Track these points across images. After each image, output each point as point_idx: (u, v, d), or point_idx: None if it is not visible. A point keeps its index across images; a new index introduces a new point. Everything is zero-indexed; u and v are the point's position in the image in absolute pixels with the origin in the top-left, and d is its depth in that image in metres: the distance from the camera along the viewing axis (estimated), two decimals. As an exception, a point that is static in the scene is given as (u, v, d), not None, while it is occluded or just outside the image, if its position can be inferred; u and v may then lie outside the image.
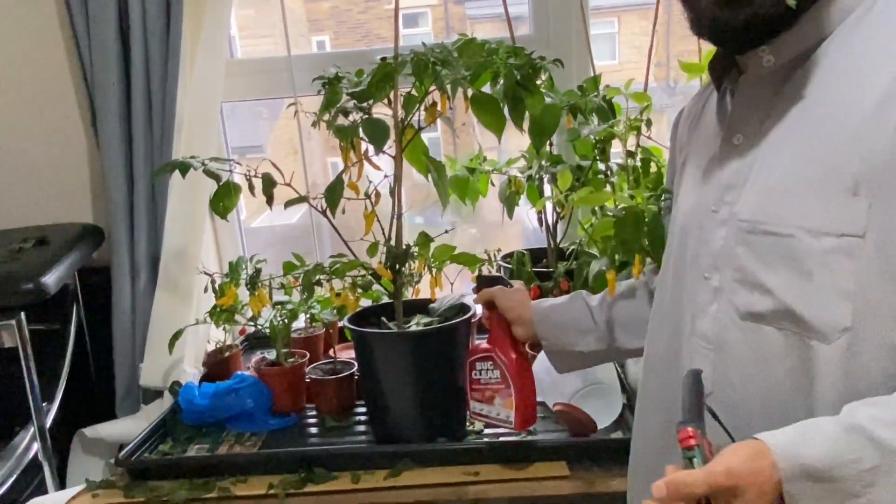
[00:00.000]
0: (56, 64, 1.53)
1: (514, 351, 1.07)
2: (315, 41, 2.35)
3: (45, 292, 1.19)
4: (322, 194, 1.15)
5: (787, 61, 0.69)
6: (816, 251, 0.63)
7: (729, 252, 0.71)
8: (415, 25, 3.26)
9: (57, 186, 1.58)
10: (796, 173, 0.65)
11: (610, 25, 3.14)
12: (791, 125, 0.68)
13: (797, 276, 0.64)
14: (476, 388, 1.13)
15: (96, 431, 1.44)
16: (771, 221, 0.66)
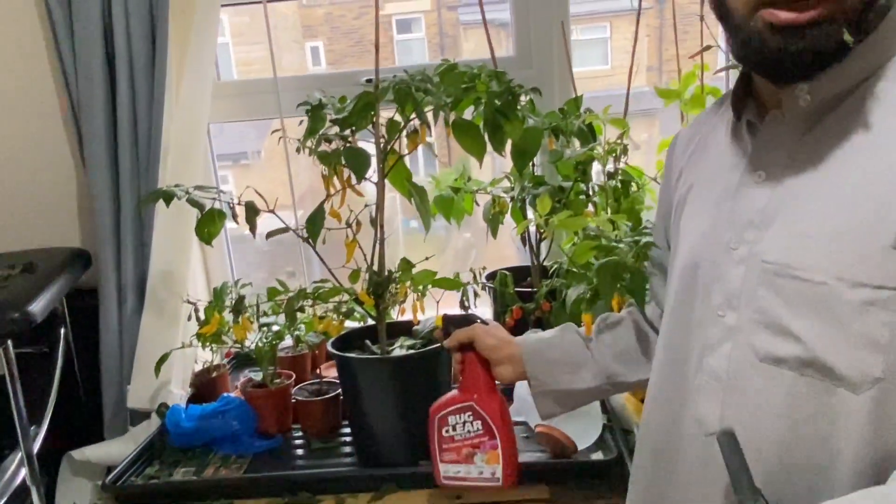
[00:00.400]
0: (42, 89, 1.54)
1: (496, 395, 0.96)
2: (309, 47, 2.37)
3: (32, 321, 1.19)
4: (304, 224, 1.16)
5: (823, 101, 0.67)
6: (851, 301, 0.61)
7: (749, 292, 0.68)
8: (408, 31, 3.28)
9: (44, 210, 1.59)
10: (832, 221, 0.63)
11: (602, 31, 3.16)
12: (826, 169, 0.65)
13: (827, 324, 0.62)
14: (449, 447, 0.97)
15: (84, 454, 1.44)
16: (802, 267, 0.64)
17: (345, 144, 1.18)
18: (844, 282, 0.61)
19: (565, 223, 1.27)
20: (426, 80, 1.16)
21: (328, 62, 2.45)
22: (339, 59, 2.48)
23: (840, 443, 0.62)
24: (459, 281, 1.34)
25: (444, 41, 2.96)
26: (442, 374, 1.23)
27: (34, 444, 1.34)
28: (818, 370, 0.63)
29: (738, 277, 0.70)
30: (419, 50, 3.46)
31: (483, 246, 1.94)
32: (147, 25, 1.44)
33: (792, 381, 0.64)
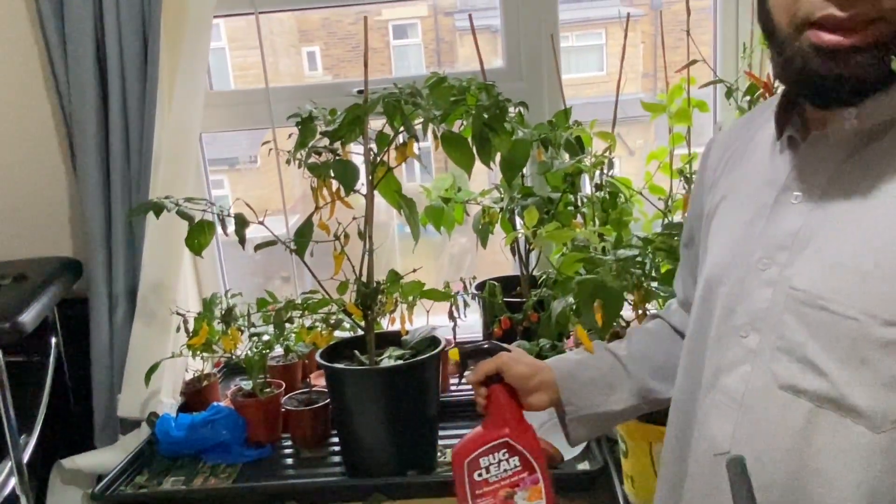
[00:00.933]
0: (34, 99, 1.55)
1: (528, 426, 0.88)
2: (305, 52, 2.38)
3: (22, 331, 1.21)
4: (292, 237, 1.17)
5: (871, 127, 0.64)
6: (882, 340, 0.59)
7: (775, 317, 0.66)
8: (405, 37, 3.30)
9: (35, 220, 1.59)
10: (869, 251, 0.61)
11: (598, 37, 3.18)
12: (865, 198, 0.63)
13: (853, 360, 0.60)
14: (483, 491, 0.87)
15: (74, 462, 1.45)
16: (833, 299, 0.62)
17: (334, 157, 1.19)
18: (876, 319, 0.59)
19: (553, 235, 1.28)
20: (415, 94, 1.18)
21: (325, 67, 2.46)
22: (335, 64, 2.48)
23: (850, 476, 0.61)
24: (448, 292, 1.35)
25: (440, 47, 2.97)
26: (430, 383, 1.24)
27: (24, 453, 1.34)
28: (838, 405, 0.61)
29: (764, 299, 0.67)
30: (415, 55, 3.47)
31: (480, 252, 1.95)
32: (139, 36, 1.45)
33: (809, 413, 0.63)
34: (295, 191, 1.90)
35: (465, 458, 0.87)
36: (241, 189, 2.17)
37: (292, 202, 1.84)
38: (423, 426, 1.25)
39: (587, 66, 2.94)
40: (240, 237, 1.18)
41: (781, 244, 0.67)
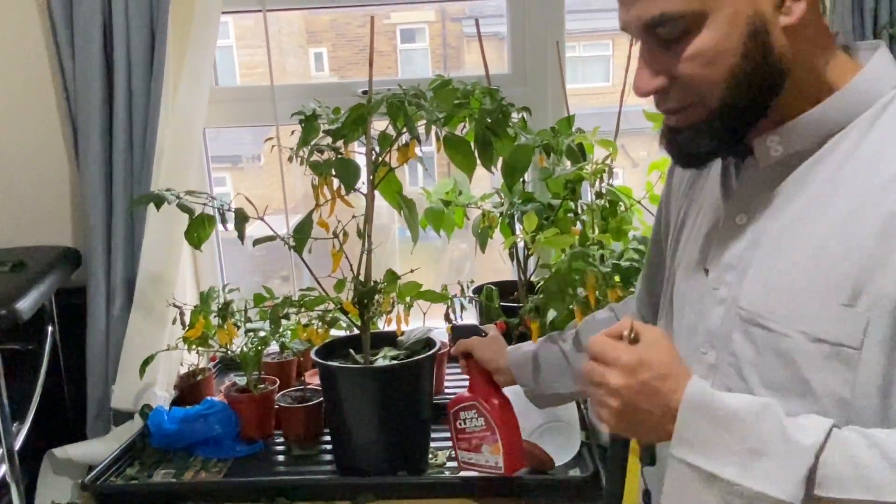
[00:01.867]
0: (40, 89, 1.56)
1: (495, 397, 1.10)
2: (312, 52, 2.39)
3: (18, 319, 1.21)
4: (291, 233, 1.18)
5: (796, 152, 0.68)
6: (812, 356, 0.63)
7: (725, 334, 0.70)
8: (412, 41, 3.31)
9: (37, 210, 1.60)
10: (798, 272, 0.64)
11: (604, 48, 3.19)
12: (797, 218, 0.66)
13: (793, 376, 0.64)
14: (462, 437, 1.14)
15: (66, 452, 1.45)
16: (770, 318, 0.65)
17: (336, 155, 1.20)
18: (806, 336, 0.63)
19: (552, 241, 1.28)
20: (419, 96, 1.18)
21: (331, 69, 2.47)
22: (342, 66, 2.49)
23: None
24: (444, 294, 1.36)
25: (447, 52, 2.98)
26: (424, 385, 1.25)
27: (16, 441, 1.34)
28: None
29: (718, 317, 0.71)
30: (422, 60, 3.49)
31: (479, 256, 1.95)
32: (147, 31, 1.46)
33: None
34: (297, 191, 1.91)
35: (452, 408, 1.14)
36: (243, 188, 2.17)
37: (294, 202, 1.85)
38: (415, 427, 1.25)
39: (593, 76, 2.95)
40: (239, 232, 1.18)
41: (729, 264, 0.71)
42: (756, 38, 0.63)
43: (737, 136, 0.68)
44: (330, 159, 1.21)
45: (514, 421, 1.10)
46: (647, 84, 0.67)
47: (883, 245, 0.60)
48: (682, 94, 0.66)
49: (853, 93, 0.66)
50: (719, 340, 0.71)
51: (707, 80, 0.64)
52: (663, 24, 0.64)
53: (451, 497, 1.18)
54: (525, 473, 1.21)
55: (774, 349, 0.65)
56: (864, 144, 0.64)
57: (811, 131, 0.67)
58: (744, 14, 0.62)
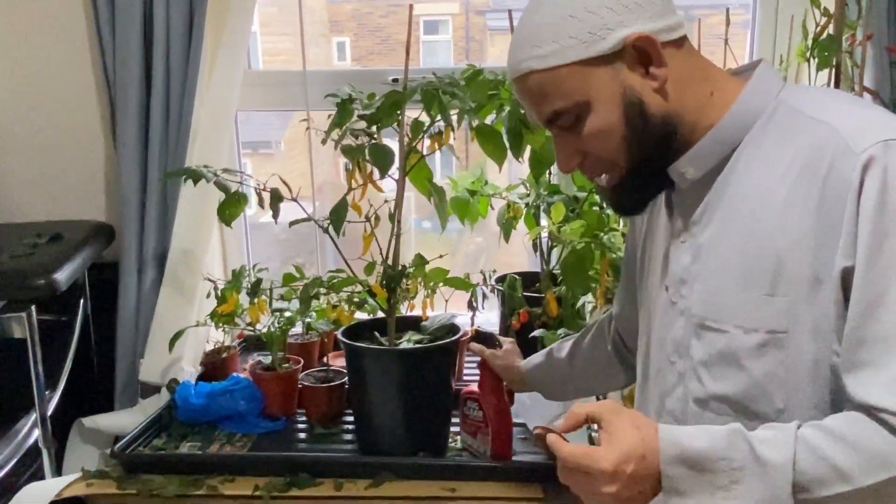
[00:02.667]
0: (80, 67, 1.59)
1: (495, 397, 1.20)
2: (335, 42, 2.41)
3: (56, 288, 1.24)
4: (327, 216, 1.20)
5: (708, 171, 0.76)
6: (749, 346, 0.71)
7: (686, 342, 0.78)
8: (435, 32, 3.32)
9: (73, 184, 1.63)
10: (727, 273, 0.73)
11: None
12: (719, 229, 0.75)
13: (735, 367, 0.72)
14: (466, 421, 1.26)
15: (94, 422, 1.49)
16: (712, 319, 0.74)
17: (370, 140, 1.22)
18: (742, 329, 0.71)
19: (577, 233, 1.30)
20: (454, 84, 1.20)
21: (353, 58, 2.49)
22: (364, 55, 2.51)
23: None
24: (469, 282, 1.37)
25: (469, 45, 2.99)
26: (446, 369, 1.27)
27: (48, 407, 1.38)
28: (732, 409, 0.73)
29: (680, 328, 0.79)
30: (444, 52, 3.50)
31: (494, 251, 1.97)
32: (186, 12, 1.48)
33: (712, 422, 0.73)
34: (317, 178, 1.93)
35: (463, 395, 1.26)
36: (264, 174, 2.21)
37: (315, 185, 1.87)
38: (436, 410, 1.27)
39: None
40: (274, 211, 1.21)
41: (682, 279, 0.79)
42: (633, 108, 0.73)
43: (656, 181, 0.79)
44: (363, 144, 1.23)
45: (506, 420, 1.21)
46: (567, 164, 0.79)
47: (785, 237, 0.69)
48: (596, 164, 0.78)
49: (740, 111, 0.74)
50: (682, 349, 0.78)
51: (608, 151, 0.75)
52: (559, 118, 0.75)
53: (468, 480, 1.20)
54: (545, 460, 1.23)
55: (719, 347, 0.73)
56: (759, 152, 0.73)
57: (713, 152, 0.75)
58: (617, 94, 0.73)
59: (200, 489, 1.20)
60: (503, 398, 1.22)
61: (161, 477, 1.23)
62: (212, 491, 1.19)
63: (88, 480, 1.23)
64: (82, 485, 1.22)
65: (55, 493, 1.20)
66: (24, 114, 1.61)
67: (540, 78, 0.73)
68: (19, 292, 1.24)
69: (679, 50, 0.74)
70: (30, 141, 1.62)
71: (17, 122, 1.62)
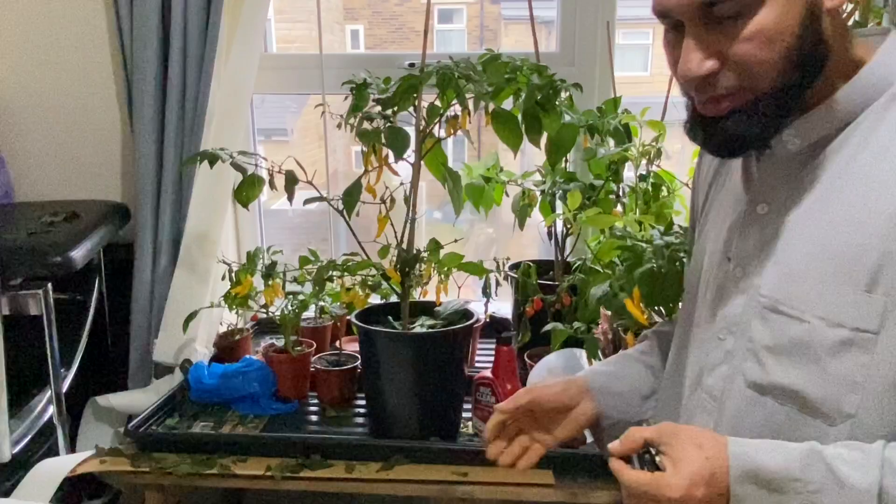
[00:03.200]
0: (98, 48, 1.59)
1: (510, 384, 1.23)
2: (349, 29, 2.40)
3: (72, 266, 1.25)
4: (340, 196, 1.20)
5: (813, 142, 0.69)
6: (830, 341, 0.64)
7: (745, 321, 0.72)
8: (449, 21, 3.30)
9: (90, 165, 1.64)
10: (816, 260, 0.66)
11: (644, 36, 3.16)
12: (814, 207, 0.68)
13: (809, 361, 0.66)
14: (478, 407, 1.27)
15: (108, 401, 1.50)
16: (789, 304, 0.67)
17: (386, 124, 1.21)
18: (825, 321, 0.65)
19: (594, 220, 1.29)
20: (470, 68, 1.19)
21: (367, 46, 2.48)
22: (378, 44, 2.50)
23: None
24: (484, 267, 1.37)
25: (484, 34, 2.98)
26: (459, 354, 1.27)
27: (63, 384, 1.39)
28: (797, 402, 0.67)
29: (739, 305, 0.73)
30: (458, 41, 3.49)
31: (505, 241, 1.96)
32: (203, -6, 1.48)
33: (772, 410, 0.69)
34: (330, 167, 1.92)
35: (476, 381, 1.27)
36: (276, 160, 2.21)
37: (323, 178, 1.87)
38: (449, 395, 1.27)
39: (631, 65, 2.92)
40: (289, 193, 1.20)
41: (751, 254, 0.72)
42: (811, 18, 0.62)
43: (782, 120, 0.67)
44: (379, 128, 1.22)
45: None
46: (698, 67, 0.64)
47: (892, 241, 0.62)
48: (734, 77, 0.65)
49: (863, 83, 0.66)
50: (738, 327, 0.72)
51: (762, 62, 0.63)
52: (718, 4, 0.62)
53: (480, 465, 1.20)
54: (556, 447, 1.22)
55: (791, 335, 0.67)
56: (873, 136, 0.65)
57: (823, 125, 0.68)
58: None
59: (213, 468, 1.20)
60: (516, 383, 1.23)
61: (174, 455, 1.23)
62: (224, 470, 1.20)
63: (102, 458, 1.24)
64: (96, 462, 1.23)
65: (70, 469, 1.21)
66: (42, 94, 1.62)
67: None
68: (36, 269, 1.25)
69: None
70: (48, 121, 1.63)
71: (35, 103, 1.62)
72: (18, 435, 1.30)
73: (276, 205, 2.02)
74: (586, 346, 1.28)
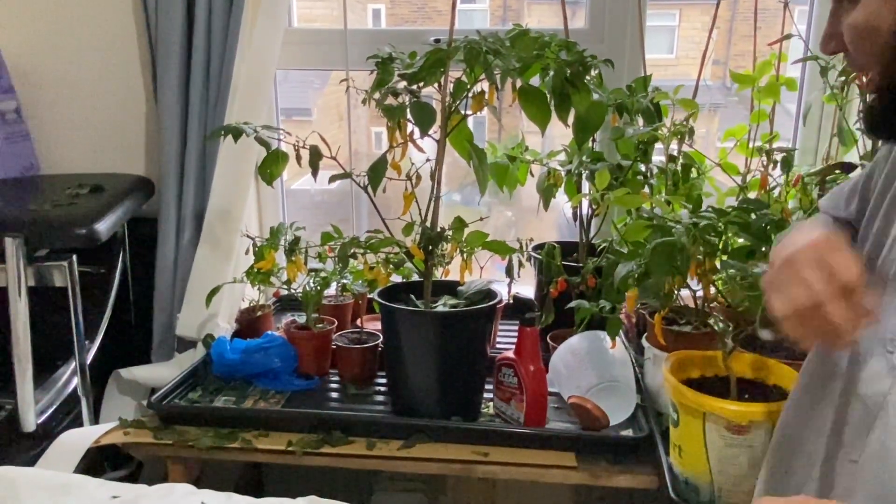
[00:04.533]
0: (123, 22, 1.59)
1: (532, 364, 1.21)
2: (371, 9, 2.37)
3: (97, 238, 1.25)
4: (365, 172, 1.18)
5: None
6: None
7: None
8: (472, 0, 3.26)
9: (114, 138, 1.64)
10: None
11: (671, 18, 3.09)
12: None
13: None
14: (500, 388, 1.26)
15: (131, 373, 1.51)
16: None
17: (412, 99, 1.19)
18: None
19: (622, 200, 1.26)
20: (498, 43, 1.16)
21: (389, 25, 2.46)
22: (399, 23, 2.47)
23: None
24: (508, 246, 1.35)
25: (506, 14, 2.93)
26: (482, 334, 1.26)
27: (87, 356, 1.40)
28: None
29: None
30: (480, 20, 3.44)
31: (524, 225, 1.94)
32: (228, -33, 1.46)
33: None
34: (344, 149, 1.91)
35: (498, 362, 1.25)
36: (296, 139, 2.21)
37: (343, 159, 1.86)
38: (471, 375, 1.26)
39: (657, 47, 2.86)
40: (313, 168, 1.19)
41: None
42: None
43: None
44: (404, 103, 1.20)
45: (542, 387, 1.21)
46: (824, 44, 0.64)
47: None
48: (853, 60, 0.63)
49: None
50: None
51: (864, 53, 0.61)
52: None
53: (501, 445, 1.19)
54: (579, 429, 1.21)
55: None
56: None
57: None
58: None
59: (234, 442, 1.21)
60: (539, 365, 1.21)
61: (196, 429, 1.24)
62: (245, 444, 1.20)
63: (126, 429, 1.25)
64: (120, 433, 1.24)
65: (93, 439, 1.22)
66: (66, 68, 1.62)
67: None
68: (61, 241, 1.25)
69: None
70: (72, 94, 1.63)
71: (60, 76, 1.62)
72: (43, 405, 1.32)
73: (297, 184, 2.01)
74: (608, 326, 1.27)
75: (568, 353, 1.32)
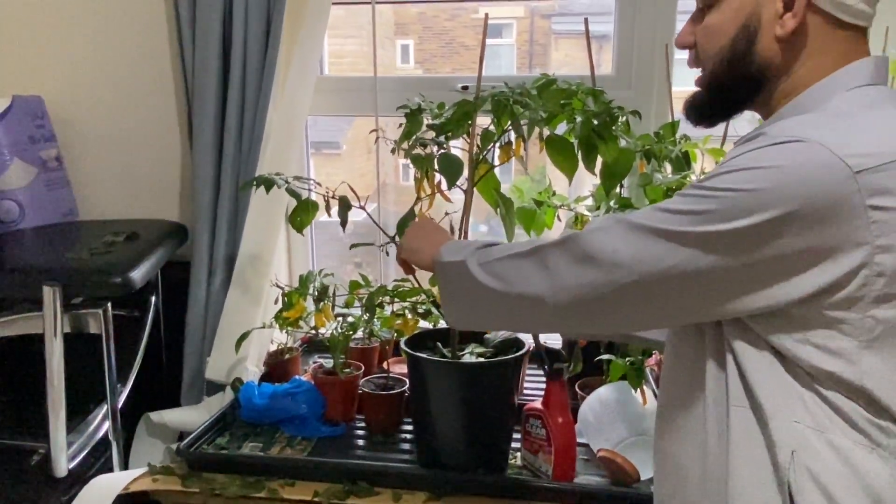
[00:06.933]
0: (160, 72, 1.64)
1: (561, 416, 1.19)
2: (399, 44, 2.42)
3: (132, 286, 1.28)
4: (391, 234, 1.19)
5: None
6: None
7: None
8: (499, 36, 3.29)
9: (150, 185, 1.69)
10: None
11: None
12: None
13: None
14: (528, 438, 1.25)
15: (161, 417, 1.53)
16: None
17: (439, 149, 1.21)
18: None
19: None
20: (525, 94, 1.18)
21: (417, 61, 2.50)
22: (428, 58, 2.51)
23: None
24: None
25: (533, 49, 2.95)
26: (509, 384, 1.25)
27: (119, 400, 1.42)
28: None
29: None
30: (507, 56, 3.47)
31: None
32: (263, 21, 1.50)
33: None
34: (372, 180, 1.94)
35: (526, 412, 1.24)
36: (324, 172, 2.23)
37: (370, 191, 1.88)
38: (498, 425, 1.25)
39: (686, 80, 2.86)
40: (342, 220, 1.21)
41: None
42: (746, 32, 0.75)
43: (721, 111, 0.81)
44: (431, 154, 1.22)
45: (571, 439, 1.20)
46: (681, 38, 0.81)
47: None
48: (696, 57, 0.81)
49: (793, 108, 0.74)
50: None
51: (706, 52, 0.78)
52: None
53: (529, 499, 1.18)
54: (609, 483, 1.19)
55: None
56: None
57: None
58: (746, 9, 0.74)
59: (261, 491, 1.21)
60: (568, 416, 1.19)
61: (224, 476, 1.25)
62: (272, 494, 1.20)
63: (155, 475, 1.26)
64: (148, 479, 1.25)
65: (123, 486, 1.23)
66: (105, 114, 1.67)
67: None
68: (97, 290, 1.28)
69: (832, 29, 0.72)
70: (110, 141, 1.68)
71: (99, 123, 1.68)
72: (75, 450, 1.34)
73: (326, 217, 2.03)
74: (629, 379, 1.25)
75: (597, 404, 1.30)
